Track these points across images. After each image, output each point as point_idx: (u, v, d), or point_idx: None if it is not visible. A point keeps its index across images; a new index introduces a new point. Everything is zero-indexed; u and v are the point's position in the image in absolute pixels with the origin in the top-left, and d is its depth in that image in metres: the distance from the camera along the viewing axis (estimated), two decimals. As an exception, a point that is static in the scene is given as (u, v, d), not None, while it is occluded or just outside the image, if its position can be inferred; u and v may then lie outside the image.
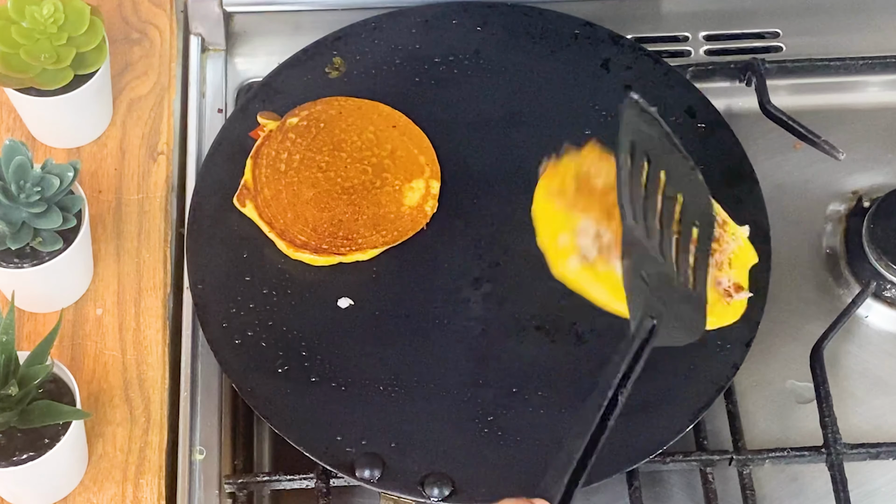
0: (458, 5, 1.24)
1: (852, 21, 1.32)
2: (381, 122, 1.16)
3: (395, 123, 1.16)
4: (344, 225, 1.11)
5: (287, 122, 1.15)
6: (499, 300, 1.10)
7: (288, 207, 1.12)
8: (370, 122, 1.16)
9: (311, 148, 1.14)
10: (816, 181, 1.24)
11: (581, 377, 1.06)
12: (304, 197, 1.12)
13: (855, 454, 1.08)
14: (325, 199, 1.12)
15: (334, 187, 1.13)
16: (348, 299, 1.09)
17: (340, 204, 1.12)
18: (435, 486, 1.01)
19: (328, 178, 1.13)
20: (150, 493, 1.04)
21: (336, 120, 1.16)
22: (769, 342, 1.14)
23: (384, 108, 1.17)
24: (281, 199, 1.12)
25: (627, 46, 1.22)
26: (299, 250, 1.10)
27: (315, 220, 1.11)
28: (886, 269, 1.16)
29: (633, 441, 1.03)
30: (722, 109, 1.20)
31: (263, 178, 1.13)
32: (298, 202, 1.12)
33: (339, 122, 1.16)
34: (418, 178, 1.14)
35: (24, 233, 1.03)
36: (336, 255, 1.10)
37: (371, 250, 1.11)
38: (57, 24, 1.10)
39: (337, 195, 1.12)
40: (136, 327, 1.11)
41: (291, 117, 1.16)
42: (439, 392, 1.06)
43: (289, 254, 1.11)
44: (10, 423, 0.97)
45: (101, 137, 1.20)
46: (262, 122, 1.15)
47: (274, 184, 1.12)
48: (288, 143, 1.14)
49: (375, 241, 1.11)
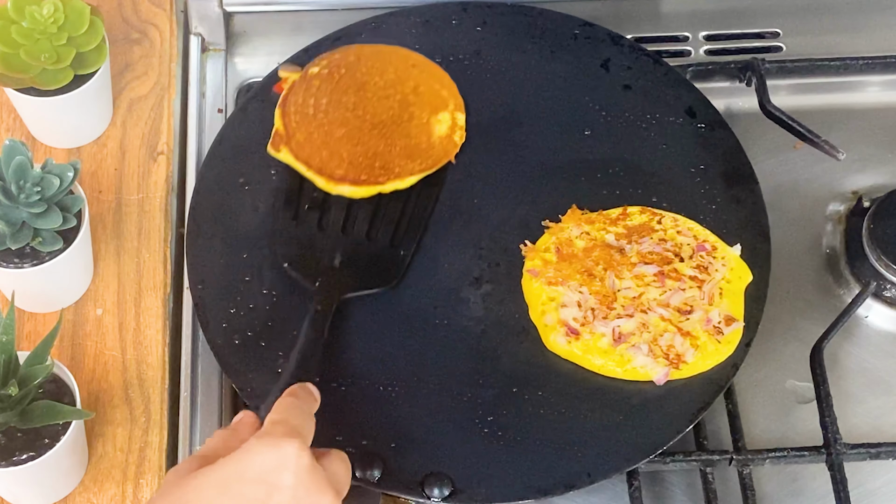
0: (458, 5, 1.24)
1: (852, 21, 1.32)
2: (401, 63, 1.18)
3: (414, 63, 1.18)
4: (380, 156, 1.12)
5: (309, 72, 1.17)
6: (499, 300, 1.10)
7: (322, 147, 1.12)
8: (389, 63, 1.18)
9: (336, 91, 1.15)
10: (816, 181, 1.24)
11: (581, 377, 1.06)
12: (336, 135, 1.13)
13: (855, 454, 1.08)
14: (356, 134, 1.13)
15: (364, 124, 1.14)
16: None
17: (373, 138, 1.13)
18: (435, 486, 1.01)
19: (357, 117, 1.14)
20: (150, 493, 1.04)
21: (356, 65, 1.17)
22: (769, 342, 1.14)
23: (402, 50, 1.19)
24: (314, 139, 1.13)
25: (627, 46, 1.22)
26: (339, 183, 1.11)
27: (350, 155, 1.12)
28: (886, 269, 1.16)
29: (633, 441, 1.03)
30: (722, 109, 1.20)
31: (294, 124, 1.13)
32: (331, 140, 1.13)
33: (359, 67, 1.17)
34: (443, 110, 1.16)
35: (24, 233, 1.03)
36: (375, 184, 1.11)
37: (409, 178, 1.12)
38: (57, 24, 1.10)
39: (368, 131, 1.13)
40: (136, 327, 1.11)
41: (312, 67, 1.17)
42: (439, 392, 1.06)
43: (329, 189, 1.11)
44: (10, 423, 0.97)
45: (101, 137, 1.20)
46: (284, 75, 1.17)
47: (305, 127, 1.13)
48: (313, 89, 1.15)
49: (412, 168, 1.12)
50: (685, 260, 1.09)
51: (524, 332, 1.08)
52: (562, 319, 1.06)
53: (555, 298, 1.07)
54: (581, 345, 1.06)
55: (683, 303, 1.07)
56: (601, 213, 1.12)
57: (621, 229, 1.10)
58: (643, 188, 1.14)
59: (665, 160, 1.16)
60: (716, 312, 1.06)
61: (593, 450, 1.03)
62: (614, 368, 1.05)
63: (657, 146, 1.16)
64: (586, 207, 1.13)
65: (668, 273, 1.08)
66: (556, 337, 1.06)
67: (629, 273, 1.08)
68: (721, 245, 1.10)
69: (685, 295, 1.07)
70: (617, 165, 1.15)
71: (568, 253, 1.09)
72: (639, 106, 1.18)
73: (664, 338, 1.05)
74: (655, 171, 1.15)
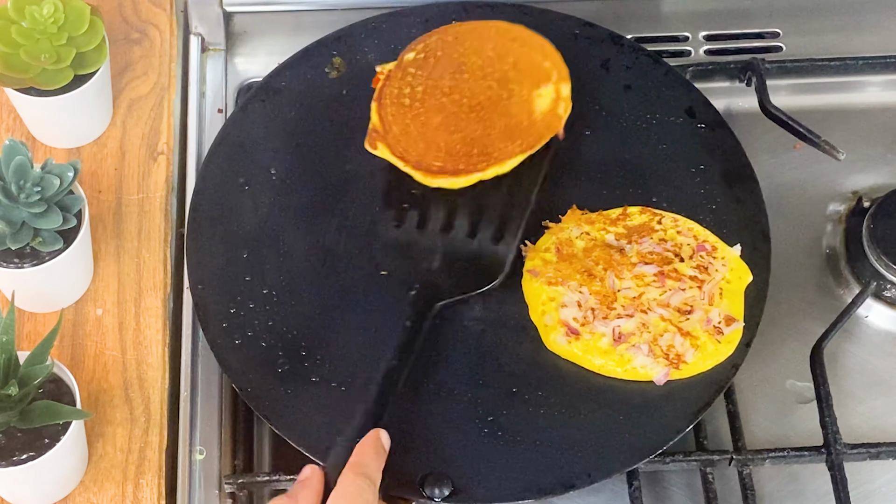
0: (458, 5, 1.23)
1: (852, 21, 1.32)
2: (499, 38, 1.15)
3: (514, 36, 1.15)
4: (478, 142, 1.09)
5: (404, 59, 1.14)
6: (499, 300, 1.10)
7: (418, 138, 1.10)
8: (488, 39, 1.15)
9: (431, 76, 1.13)
10: (816, 181, 1.24)
11: (581, 377, 1.06)
12: (432, 124, 1.10)
13: (855, 454, 1.08)
14: (453, 121, 1.10)
15: (461, 108, 1.11)
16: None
17: (470, 122, 1.10)
18: (435, 486, 1.01)
19: (453, 101, 1.11)
20: (150, 493, 1.04)
21: (453, 45, 1.14)
22: (769, 342, 1.14)
23: (501, 24, 1.16)
24: (410, 132, 1.10)
25: (627, 46, 1.22)
26: (437, 177, 1.08)
27: (447, 144, 1.10)
28: (886, 269, 1.16)
29: (633, 441, 1.03)
30: (722, 109, 1.20)
31: (390, 117, 1.11)
32: (427, 130, 1.10)
33: (456, 48, 1.14)
34: (546, 83, 1.12)
35: (24, 233, 1.03)
36: (475, 172, 1.08)
37: (509, 161, 1.09)
38: (57, 24, 1.10)
39: (465, 115, 1.11)
40: (136, 327, 1.11)
41: (408, 53, 1.15)
42: (439, 392, 1.06)
43: (427, 182, 1.09)
44: (10, 423, 0.97)
45: (101, 137, 1.20)
46: (380, 68, 1.15)
47: (401, 119, 1.11)
48: (409, 77, 1.13)
49: (512, 150, 1.09)
50: (685, 260, 1.09)
51: (524, 332, 1.08)
52: (562, 319, 1.06)
53: (555, 298, 1.07)
54: (581, 345, 1.06)
55: (683, 303, 1.07)
56: (601, 214, 1.12)
57: (621, 229, 1.10)
58: (643, 188, 1.14)
59: (665, 160, 1.16)
60: (716, 312, 1.06)
61: (593, 450, 1.03)
62: (614, 368, 1.05)
63: (657, 146, 1.16)
64: (586, 207, 1.13)
65: (668, 273, 1.08)
66: (556, 337, 1.06)
67: (629, 273, 1.08)
68: (721, 245, 1.10)
69: (685, 295, 1.07)
70: (617, 165, 1.15)
71: (568, 253, 1.09)
72: (639, 106, 1.18)
73: (664, 338, 1.05)
74: (655, 171, 1.15)
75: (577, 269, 1.08)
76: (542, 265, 1.09)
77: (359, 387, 1.04)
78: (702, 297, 1.07)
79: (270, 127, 1.18)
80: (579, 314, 1.06)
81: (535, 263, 1.09)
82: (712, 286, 1.07)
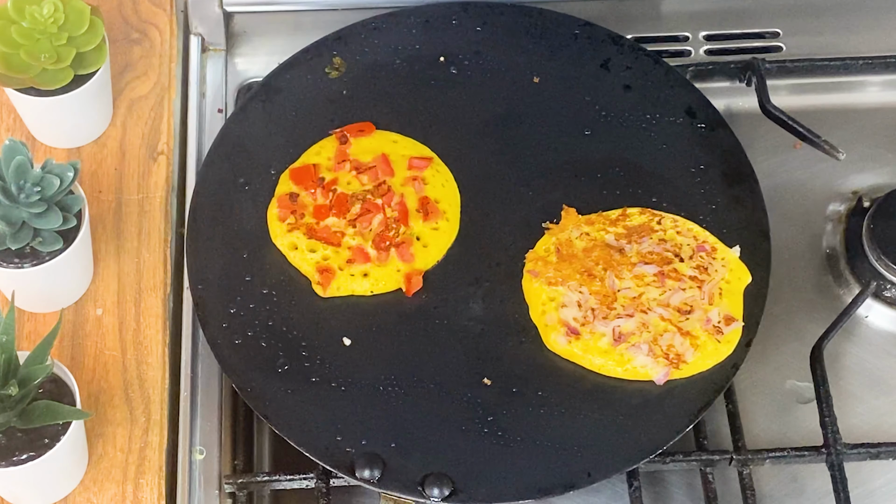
0: (458, 5, 1.24)
1: (852, 21, 1.32)
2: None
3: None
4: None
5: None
6: (499, 300, 1.10)
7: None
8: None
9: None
10: (816, 181, 1.24)
11: (581, 377, 1.06)
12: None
13: (855, 454, 1.08)
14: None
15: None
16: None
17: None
18: (435, 486, 1.01)
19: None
20: (150, 493, 1.04)
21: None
22: (769, 342, 1.14)
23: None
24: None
25: (627, 46, 1.22)
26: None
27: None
28: (886, 269, 1.16)
29: (633, 441, 1.03)
30: (722, 109, 1.20)
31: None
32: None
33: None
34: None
35: (24, 233, 1.03)
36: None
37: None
38: (57, 24, 1.10)
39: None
40: (136, 327, 1.11)
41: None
42: (439, 392, 1.06)
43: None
44: (10, 423, 0.97)
45: (101, 137, 1.20)
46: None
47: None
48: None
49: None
50: (685, 260, 1.09)
51: (524, 332, 1.08)
52: (562, 319, 1.06)
53: (555, 298, 1.07)
54: (581, 345, 1.06)
55: (683, 303, 1.07)
56: (601, 214, 1.12)
57: (621, 230, 1.11)
58: (643, 188, 1.14)
59: (665, 160, 1.16)
60: (715, 312, 1.06)
61: (593, 450, 1.03)
62: (614, 368, 1.05)
63: (657, 146, 1.17)
64: (586, 208, 1.13)
65: (668, 273, 1.08)
66: (556, 337, 1.06)
67: (629, 273, 1.08)
68: (721, 246, 1.10)
69: (685, 295, 1.07)
70: (617, 165, 1.15)
71: (568, 253, 1.09)
72: (639, 106, 1.19)
73: (664, 338, 1.05)
74: (655, 171, 1.15)
75: (577, 269, 1.08)
76: (543, 265, 1.09)
77: (359, 387, 1.04)
78: (701, 296, 1.07)
79: (270, 127, 1.18)
80: (579, 314, 1.06)
81: (535, 264, 1.09)
82: (712, 286, 1.07)
